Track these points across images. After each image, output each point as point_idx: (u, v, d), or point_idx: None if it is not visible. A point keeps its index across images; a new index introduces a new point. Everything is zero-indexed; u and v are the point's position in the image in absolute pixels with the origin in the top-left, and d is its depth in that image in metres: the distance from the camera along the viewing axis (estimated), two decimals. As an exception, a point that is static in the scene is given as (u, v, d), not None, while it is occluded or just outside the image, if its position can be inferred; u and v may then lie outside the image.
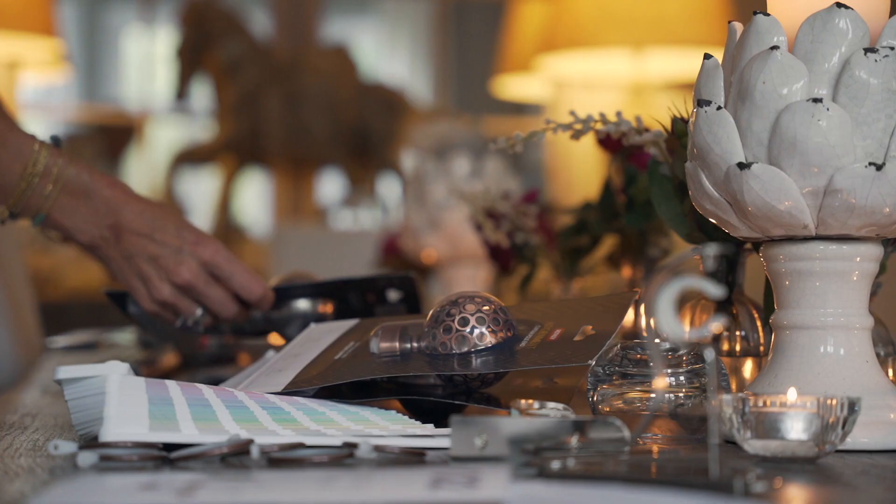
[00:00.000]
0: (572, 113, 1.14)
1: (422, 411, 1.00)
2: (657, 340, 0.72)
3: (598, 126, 1.12)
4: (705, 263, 0.68)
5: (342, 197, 4.37)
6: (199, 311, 1.15)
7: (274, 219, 4.33)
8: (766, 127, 0.88)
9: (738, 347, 1.05)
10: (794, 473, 0.77)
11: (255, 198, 4.66)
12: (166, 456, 0.78)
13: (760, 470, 0.76)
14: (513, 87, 3.99)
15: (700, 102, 0.91)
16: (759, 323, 1.05)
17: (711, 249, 0.67)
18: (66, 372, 0.86)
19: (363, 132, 4.08)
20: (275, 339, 1.31)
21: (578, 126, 1.13)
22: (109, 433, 0.79)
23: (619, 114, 1.12)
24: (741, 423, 0.81)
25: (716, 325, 0.66)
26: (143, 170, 4.70)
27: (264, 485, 0.66)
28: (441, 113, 4.32)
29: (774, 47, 0.88)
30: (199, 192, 4.65)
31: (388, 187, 4.37)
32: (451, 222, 1.93)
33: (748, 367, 1.06)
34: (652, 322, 0.67)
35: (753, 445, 0.81)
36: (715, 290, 0.69)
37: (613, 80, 3.61)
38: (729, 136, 0.89)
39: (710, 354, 0.68)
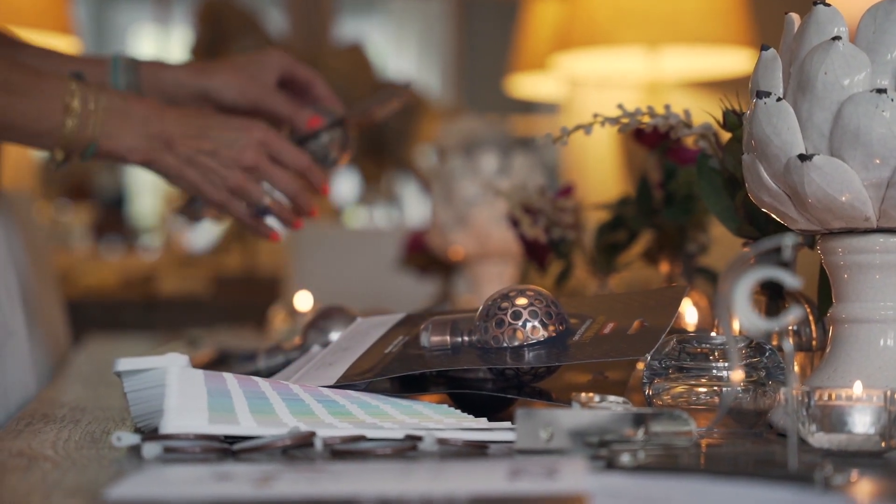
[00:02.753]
0: (620, 106, 1.13)
1: (469, 405, 1.00)
2: (731, 333, 0.71)
3: (646, 119, 1.11)
4: (784, 254, 0.67)
5: (357, 195, 4.36)
6: (266, 199, 1.19)
7: (288, 217, 4.32)
8: (828, 118, 0.87)
9: (791, 342, 1.04)
10: (863, 468, 0.76)
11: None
12: (229, 448, 0.78)
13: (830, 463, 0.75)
14: (527, 85, 3.98)
15: (759, 94, 0.90)
16: (811, 317, 1.04)
17: (790, 240, 0.67)
18: (125, 364, 0.86)
19: (378, 130, 4.07)
20: None
21: (625, 120, 1.12)
22: (170, 425, 0.79)
23: (667, 107, 1.11)
24: (806, 417, 0.80)
25: (793, 318, 0.65)
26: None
27: (341, 475, 0.66)
28: (457, 111, 4.30)
29: (836, 37, 0.87)
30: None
31: (403, 186, 4.35)
32: (479, 219, 1.92)
33: (799, 362, 1.05)
34: (728, 314, 0.66)
35: (819, 439, 0.80)
36: (792, 281, 0.68)
37: (628, 79, 3.60)
38: (789, 127, 0.89)
39: (788, 346, 0.67)
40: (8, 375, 1.15)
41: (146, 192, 5.07)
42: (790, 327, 1.04)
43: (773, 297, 1.05)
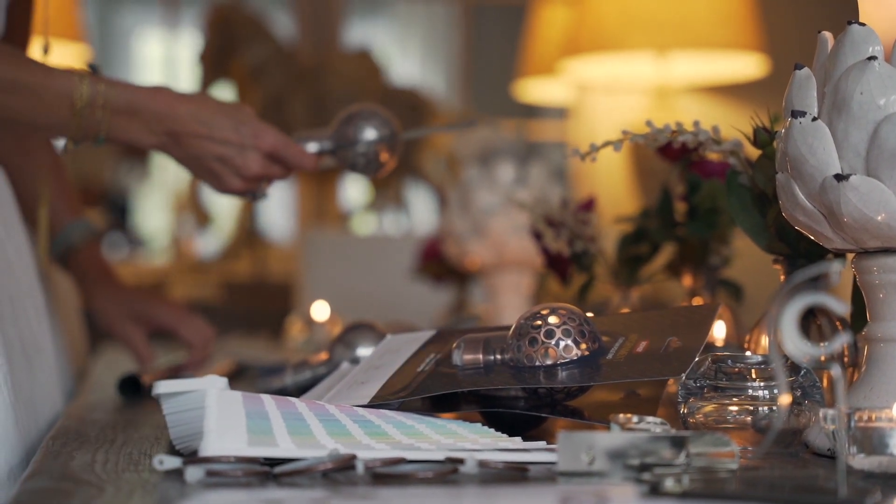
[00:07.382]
0: (648, 123, 1.13)
1: (500, 422, 1.00)
2: (777, 355, 0.71)
3: (675, 136, 1.11)
4: (832, 280, 0.67)
5: (365, 202, 4.36)
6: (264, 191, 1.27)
7: (297, 224, 4.32)
8: (864, 138, 0.87)
9: (822, 360, 1.04)
10: (905, 490, 0.76)
11: (278, 202, 4.66)
12: (270, 471, 0.78)
13: (879, 489, 0.75)
14: (535, 90, 3.98)
15: (794, 113, 0.90)
16: (843, 335, 1.04)
17: (838, 266, 0.67)
18: (165, 387, 0.86)
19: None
20: None
21: (655, 137, 1.12)
22: (210, 448, 0.79)
23: (696, 123, 1.11)
24: (847, 439, 0.80)
25: (840, 344, 0.65)
26: (167, 174, 4.70)
27: (390, 502, 0.66)
28: (465, 117, 4.29)
29: (872, 57, 0.87)
30: (224, 196, 4.65)
31: (412, 191, 4.35)
32: (496, 229, 1.92)
33: (831, 379, 1.05)
34: (776, 338, 0.66)
35: (860, 461, 0.80)
36: (839, 307, 0.68)
37: (637, 84, 3.60)
38: (825, 147, 0.89)
39: (837, 371, 0.67)
40: (37, 391, 1.15)
41: (153, 195, 5.07)
42: (822, 344, 1.04)
43: (805, 316, 1.05)
